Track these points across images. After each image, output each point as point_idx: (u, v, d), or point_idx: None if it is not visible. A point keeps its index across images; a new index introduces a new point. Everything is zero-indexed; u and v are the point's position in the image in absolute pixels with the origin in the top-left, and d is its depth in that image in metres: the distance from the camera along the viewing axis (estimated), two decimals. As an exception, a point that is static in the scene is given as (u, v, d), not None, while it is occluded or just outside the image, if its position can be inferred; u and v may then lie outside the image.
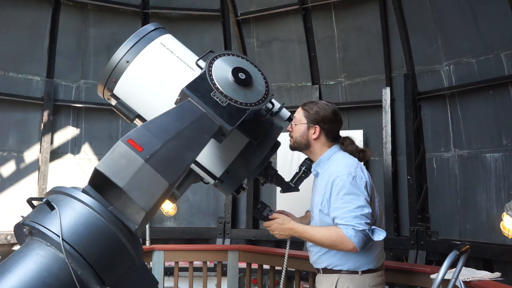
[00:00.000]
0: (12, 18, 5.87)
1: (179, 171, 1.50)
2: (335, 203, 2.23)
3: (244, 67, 1.92)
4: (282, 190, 2.32)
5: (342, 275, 2.30)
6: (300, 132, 2.38)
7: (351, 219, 2.16)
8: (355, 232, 2.15)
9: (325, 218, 2.31)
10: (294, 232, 2.31)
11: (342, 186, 2.23)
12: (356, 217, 2.16)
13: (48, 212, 1.42)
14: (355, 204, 2.19)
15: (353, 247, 2.16)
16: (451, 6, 5.14)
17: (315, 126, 2.37)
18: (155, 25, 2.13)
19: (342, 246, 2.18)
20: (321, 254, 2.36)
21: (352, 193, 2.21)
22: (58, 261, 1.37)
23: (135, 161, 1.44)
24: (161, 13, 6.63)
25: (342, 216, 2.19)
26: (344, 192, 2.22)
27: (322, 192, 2.31)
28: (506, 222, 4.01)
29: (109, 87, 2.08)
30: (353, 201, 2.20)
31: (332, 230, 2.22)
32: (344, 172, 2.26)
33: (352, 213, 2.17)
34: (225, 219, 6.34)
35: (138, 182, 1.43)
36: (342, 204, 2.20)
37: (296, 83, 6.44)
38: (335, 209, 2.23)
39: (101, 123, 6.31)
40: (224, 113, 1.74)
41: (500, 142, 4.84)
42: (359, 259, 2.30)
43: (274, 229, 2.33)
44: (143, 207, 1.42)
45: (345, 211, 2.19)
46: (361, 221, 2.16)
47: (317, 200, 2.38)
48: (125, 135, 1.51)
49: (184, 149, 1.56)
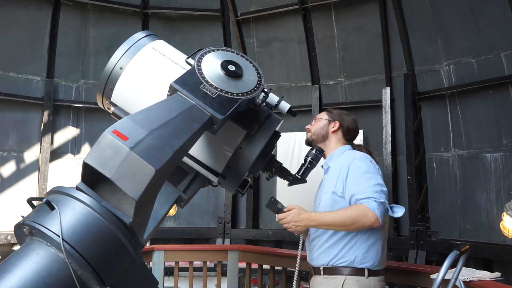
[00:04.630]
0: (12, 18, 5.87)
1: (166, 157, 1.47)
2: (354, 181, 2.30)
3: (235, 60, 1.93)
4: (289, 183, 2.32)
5: (348, 277, 2.28)
6: (321, 125, 2.55)
7: (373, 193, 2.23)
8: (377, 204, 2.20)
9: (337, 200, 2.34)
10: (312, 221, 2.29)
11: (361, 165, 2.34)
12: (376, 191, 2.24)
13: (48, 212, 1.42)
14: (375, 181, 2.28)
15: (376, 219, 2.19)
16: (451, 6, 5.13)
17: (335, 121, 2.54)
18: (146, 32, 2.18)
19: (364, 220, 2.20)
20: (325, 248, 2.34)
21: (371, 172, 2.32)
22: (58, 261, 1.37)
23: (120, 150, 1.43)
24: (161, 13, 6.63)
25: (363, 191, 2.25)
26: (364, 170, 2.32)
27: (336, 176, 2.38)
28: (506, 222, 4.01)
29: (107, 96, 2.10)
30: (372, 178, 2.29)
31: (352, 207, 2.26)
32: (361, 155, 2.41)
33: (373, 188, 2.25)
34: (225, 219, 6.34)
35: (125, 171, 1.42)
36: (362, 181, 2.29)
37: (296, 83, 6.44)
38: (354, 186, 2.29)
39: (101, 123, 6.29)
40: (215, 104, 1.75)
41: (500, 142, 4.84)
42: (366, 251, 2.30)
43: (290, 220, 2.30)
44: (132, 196, 1.41)
45: (365, 187, 2.26)
46: (381, 195, 2.24)
47: (327, 187, 2.42)
48: (110, 126, 1.51)
49: (171, 137, 1.54)
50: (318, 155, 2.39)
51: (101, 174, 1.43)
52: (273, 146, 2.15)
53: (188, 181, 2.13)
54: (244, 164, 1.99)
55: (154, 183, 1.47)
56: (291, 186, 2.34)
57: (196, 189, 2.17)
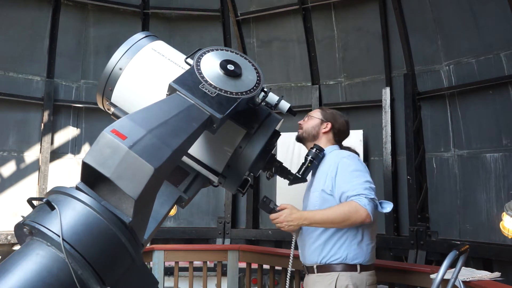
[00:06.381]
0: (12, 18, 5.87)
1: (165, 156, 1.47)
2: (343, 179, 2.34)
3: (234, 59, 1.94)
4: (290, 182, 2.34)
5: (341, 273, 2.31)
6: (313, 124, 2.58)
7: (363, 189, 2.27)
8: (368, 200, 2.24)
9: (327, 198, 2.37)
10: (304, 219, 2.33)
11: (350, 163, 2.38)
12: (366, 188, 2.28)
13: (48, 212, 1.41)
14: (364, 178, 2.33)
15: (367, 215, 2.23)
16: (451, 6, 5.14)
17: (327, 122, 2.57)
18: (146, 33, 2.18)
19: (356, 216, 2.24)
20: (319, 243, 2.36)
21: (360, 170, 2.36)
22: (58, 261, 1.37)
23: (119, 149, 1.43)
24: (161, 13, 6.64)
25: (353, 188, 2.29)
26: (353, 168, 2.36)
27: (325, 175, 2.41)
28: (505, 222, 4.02)
29: (107, 97, 2.11)
30: (361, 176, 2.33)
31: (343, 204, 2.30)
32: (349, 154, 2.45)
33: (363, 185, 2.29)
34: (225, 219, 6.35)
35: (124, 170, 1.42)
36: (351, 178, 2.33)
37: (296, 83, 6.44)
38: (344, 184, 2.33)
39: (101, 123, 6.27)
40: (214, 103, 1.75)
41: (500, 142, 4.84)
42: (357, 248, 2.34)
43: (282, 220, 2.33)
44: (131, 195, 1.41)
45: (355, 184, 2.30)
46: (371, 191, 2.28)
47: (316, 185, 2.45)
48: (109, 125, 1.51)
49: (170, 136, 1.54)
50: (318, 154, 2.42)
51: (100, 174, 1.43)
52: (273, 145, 2.15)
53: (189, 182, 2.13)
54: (244, 163, 1.99)
55: (153, 182, 1.47)
56: (291, 185, 2.36)
57: (197, 189, 2.17)
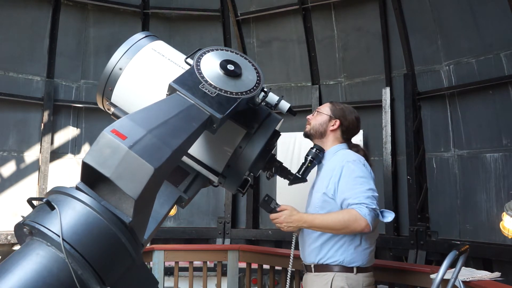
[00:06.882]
0: (12, 18, 5.87)
1: (164, 156, 1.47)
2: (346, 185, 2.29)
3: (234, 59, 1.94)
4: (290, 182, 2.32)
5: (337, 274, 2.31)
6: (321, 120, 2.51)
7: (364, 198, 2.23)
8: (368, 210, 2.20)
9: (328, 201, 2.34)
10: (304, 222, 2.31)
11: (354, 169, 2.31)
12: (368, 197, 2.23)
13: (48, 212, 1.41)
14: (367, 186, 2.27)
15: (366, 225, 2.19)
16: (451, 6, 5.14)
17: (336, 119, 2.50)
18: (146, 33, 2.18)
19: (355, 225, 2.20)
20: (317, 245, 2.35)
21: (364, 177, 2.30)
22: (58, 261, 1.36)
23: (119, 149, 1.43)
24: (161, 13, 6.64)
25: (355, 196, 2.24)
26: (356, 175, 2.30)
27: (328, 177, 2.36)
28: (505, 222, 4.02)
29: (107, 97, 2.11)
30: (365, 183, 2.28)
31: (343, 212, 2.26)
32: (355, 158, 2.37)
33: (365, 194, 2.24)
34: (225, 219, 6.35)
35: (124, 170, 1.42)
36: (354, 185, 2.27)
37: (296, 83, 6.44)
38: (346, 190, 2.28)
39: (101, 123, 6.27)
40: (214, 103, 1.75)
41: (500, 142, 4.84)
42: (354, 252, 2.32)
43: (282, 221, 2.32)
44: (131, 195, 1.41)
45: (357, 192, 2.25)
46: (373, 201, 2.24)
47: (319, 185, 2.41)
48: (109, 125, 1.51)
49: (170, 136, 1.54)
50: (318, 154, 2.40)
51: (100, 174, 1.43)
52: (273, 145, 2.15)
53: (189, 182, 2.13)
54: (244, 163, 1.99)
55: (153, 182, 1.47)
56: (291, 185, 2.35)
57: (197, 189, 2.17)
